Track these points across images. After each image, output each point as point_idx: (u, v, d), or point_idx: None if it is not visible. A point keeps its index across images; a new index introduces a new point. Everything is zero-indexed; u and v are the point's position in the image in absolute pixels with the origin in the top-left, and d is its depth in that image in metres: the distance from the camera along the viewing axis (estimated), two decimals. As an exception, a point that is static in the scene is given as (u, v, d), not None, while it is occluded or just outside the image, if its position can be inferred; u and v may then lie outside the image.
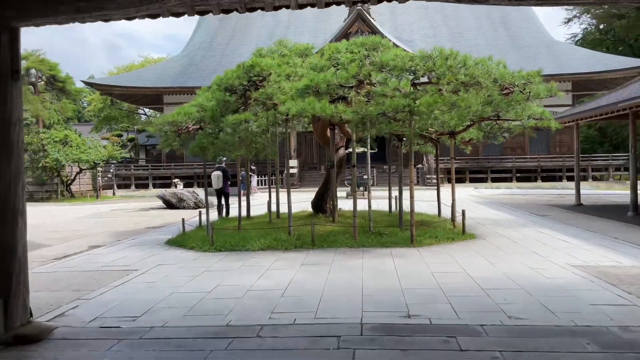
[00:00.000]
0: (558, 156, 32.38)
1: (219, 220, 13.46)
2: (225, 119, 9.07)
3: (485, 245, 9.13)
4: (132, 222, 15.18)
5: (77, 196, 30.20)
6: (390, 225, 10.94)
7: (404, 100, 8.11)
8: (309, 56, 10.95)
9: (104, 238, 11.72)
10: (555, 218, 13.48)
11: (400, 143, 10.80)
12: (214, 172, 14.00)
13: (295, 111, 7.88)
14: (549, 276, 6.56)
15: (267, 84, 9.23)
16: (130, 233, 12.43)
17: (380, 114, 8.23)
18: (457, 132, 10.97)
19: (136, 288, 6.50)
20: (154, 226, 13.82)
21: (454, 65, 8.28)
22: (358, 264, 7.55)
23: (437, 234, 9.86)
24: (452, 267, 7.24)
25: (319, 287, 6.16)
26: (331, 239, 9.51)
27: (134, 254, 9.10)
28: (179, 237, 10.56)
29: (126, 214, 18.01)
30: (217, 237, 9.73)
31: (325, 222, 11.40)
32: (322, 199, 12.35)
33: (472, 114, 8.24)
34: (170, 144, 9.90)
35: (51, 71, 30.06)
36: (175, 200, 18.27)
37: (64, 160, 27.07)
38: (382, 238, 9.53)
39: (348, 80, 8.44)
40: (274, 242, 9.40)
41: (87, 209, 20.82)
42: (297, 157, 32.03)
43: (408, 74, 8.67)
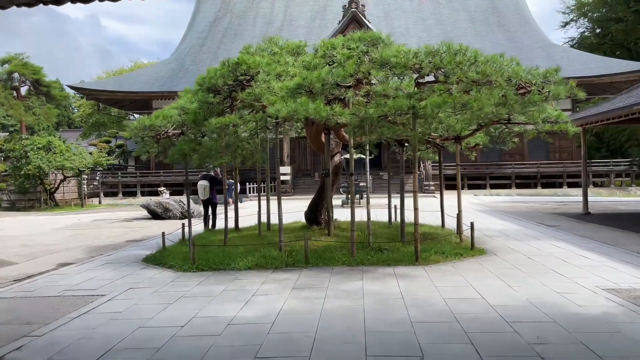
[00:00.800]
0: (558, 162, 31.63)
1: (204, 233, 12.47)
2: (208, 122, 8.11)
3: (498, 262, 8.20)
4: (112, 234, 14.13)
5: (61, 205, 29.05)
6: (391, 238, 10.00)
7: (408, 100, 7.19)
8: (302, 55, 10.02)
9: (77, 254, 10.69)
10: (566, 229, 12.59)
11: (401, 149, 9.88)
12: (200, 182, 13.00)
13: (285, 113, 6.93)
14: (580, 303, 5.63)
15: (255, 84, 8.29)
16: (107, 248, 11.41)
17: (382, 116, 7.30)
18: (463, 137, 10.07)
19: (98, 321, 5.50)
20: (134, 239, 12.79)
21: (463, 61, 7.37)
22: (358, 287, 6.59)
23: (443, 249, 8.92)
24: (466, 291, 6.28)
25: (312, 320, 5.18)
26: (327, 255, 8.54)
27: (104, 275, 8.09)
28: (158, 254, 9.55)
29: (108, 225, 16.94)
30: (199, 254, 8.74)
31: (319, 235, 10.44)
32: (317, 209, 11.39)
33: (485, 115, 7.33)
34: (148, 151, 8.92)
35: (35, 75, 28.96)
36: (160, 210, 17.24)
37: (47, 167, 25.95)
38: (383, 254, 8.58)
39: (345, 78, 7.51)
40: (262, 259, 8.42)
41: (68, 219, 19.72)
42: (291, 163, 31.07)
43: (412, 72, 7.76)
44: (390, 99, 7.23)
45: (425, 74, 7.73)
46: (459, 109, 7.14)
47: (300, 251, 8.72)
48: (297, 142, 32.33)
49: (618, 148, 42.45)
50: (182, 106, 9.34)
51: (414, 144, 8.42)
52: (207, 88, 8.46)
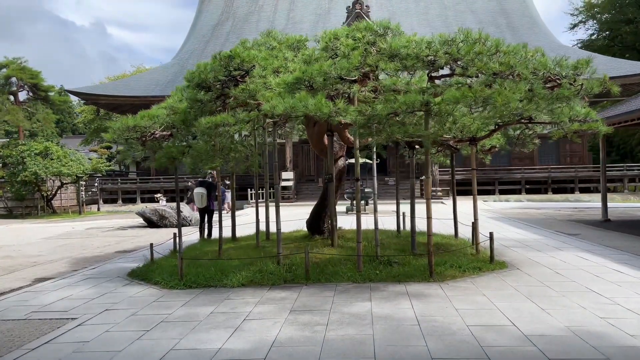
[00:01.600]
0: (569, 166, 30.65)
1: (199, 243, 11.63)
2: (197, 122, 7.27)
3: (523, 278, 7.29)
4: (102, 244, 13.31)
5: (59, 212, 28.32)
6: (400, 250, 9.11)
7: (421, 95, 6.34)
8: (303, 49, 9.19)
9: (59, 267, 9.86)
10: (588, 238, 11.65)
11: (411, 152, 9.00)
12: (197, 189, 12.17)
13: (282, 110, 6.08)
14: (632, 332, 4.72)
15: (250, 80, 7.45)
16: (93, 259, 10.58)
17: (391, 113, 6.44)
18: (479, 139, 9.18)
19: (58, 354, 4.64)
20: (124, 250, 11.95)
21: (483, 51, 6.51)
22: (365, 310, 5.70)
23: (459, 263, 8.02)
24: (492, 316, 5.39)
25: (312, 356, 4.31)
26: (330, 270, 7.67)
27: (82, 292, 7.25)
28: (144, 268, 8.70)
29: (101, 233, 16.13)
30: (189, 269, 7.89)
31: (322, 246, 9.56)
32: (319, 217, 10.52)
33: (509, 112, 6.46)
34: (131, 155, 8.09)
35: (33, 79, 28.31)
36: (156, 218, 16.42)
37: (44, 173, 25.24)
38: (393, 269, 7.69)
39: (350, 71, 6.66)
40: (258, 275, 7.55)
41: (61, 228, 18.94)
42: (294, 168, 30.25)
43: (424, 64, 6.90)
44: (401, 94, 6.37)
45: (440, 66, 6.87)
46: (479, 104, 6.27)
47: (300, 265, 7.86)
48: (300, 146, 31.55)
49: (628, 152, 41.42)
50: (171, 105, 8.53)
51: (427, 146, 7.55)
52: (196, 84, 7.63)
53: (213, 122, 7.08)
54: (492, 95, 5.97)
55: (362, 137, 7.14)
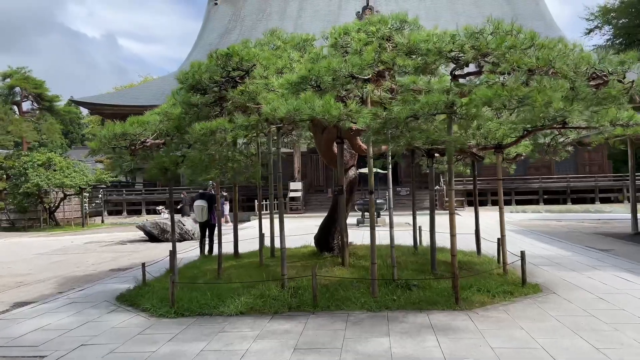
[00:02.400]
0: (589, 176, 29.46)
1: (199, 260, 10.79)
2: (190, 128, 6.45)
3: (563, 305, 6.34)
4: (98, 260, 12.52)
5: (62, 224, 27.69)
6: (419, 270, 8.20)
7: (445, 96, 5.47)
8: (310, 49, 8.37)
9: (45, 288, 9.07)
10: (623, 254, 10.63)
11: (430, 160, 8.11)
12: (197, 202, 11.35)
13: (284, 112, 5.24)
14: None
15: (250, 81, 6.63)
16: (84, 279, 9.78)
17: (410, 117, 5.56)
18: (505, 146, 8.28)
19: (9, 408, 3.80)
20: (120, 267, 11.14)
21: (517, 44, 5.64)
22: (383, 349, 4.80)
23: (487, 286, 7.09)
24: (536, 357, 4.45)
25: (319, 418, 3.41)
26: (340, 294, 6.77)
27: (61, 321, 6.42)
28: (135, 291, 7.86)
29: (99, 248, 15.35)
30: (182, 293, 7.04)
31: (332, 264, 8.68)
32: (328, 233, 9.63)
33: (549, 115, 5.57)
34: (120, 165, 7.31)
35: (37, 89, 27.88)
36: (157, 232, 15.63)
37: (46, 185, 24.63)
38: (412, 293, 6.77)
39: (362, 69, 5.81)
40: (259, 300, 6.68)
41: (60, 242, 18.22)
42: (302, 179, 29.41)
43: (448, 61, 6.04)
44: (423, 94, 5.51)
45: (466, 63, 6.01)
46: (513, 106, 5.38)
47: (307, 288, 6.97)
48: (308, 156, 30.74)
49: (648, 160, 40.05)
50: (165, 111, 7.75)
51: (450, 154, 6.66)
52: (190, 86, 6.83)
53: (208, 128, 6.26)
54: (531, 94, 5.08)
55: (376, 144, 6.26)
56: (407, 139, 5.56)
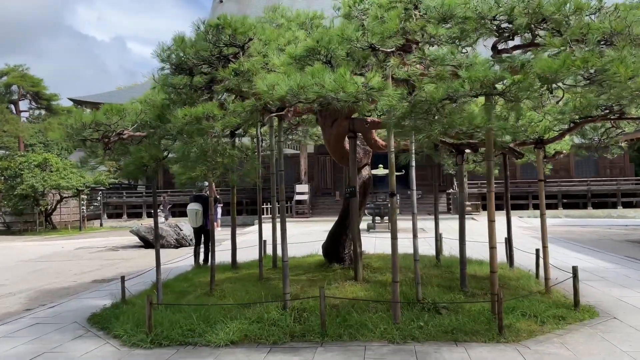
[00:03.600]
0: (610, 179, 28.00)
1: (192, 271, 9.60)
2: (172, 116, 5.27)
3: (632, 335, 5.08)
4: (83, 269, 11.37)
5: (59, 227, 26.66)
6: (445, 285, 6.96)
7: (492, 71, 4.25)
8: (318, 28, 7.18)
9: (12, 304, 7.92)
10: (674, 266, 9.33)
11: (460, 157, 6.86)
12: (191, 206, 10.17)
13: (285, 90, 4.04)
14: None
15: (245, 58, 5.44)
16: (60, 293, 8.63)
17: (446, 98, 4.34)
18: (547, 141, 7.04)
19: None
20: (104, 278, 9.97)
21: (583, 6, 4.41)
22: (417, 404, 3.56)
23: (533, 308, 5.83)
24: None
25: None
26: (354, 319, 5.54)
27: (14, 349, 5.25)
28: (111, 310, 6.68)
29: (88, 255, 14.21)
30: (165, 314, 5.86)
31: (343, 278, 7.45)
32: (338, 241, 8.40)
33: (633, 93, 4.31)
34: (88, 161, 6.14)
35: (34, 88, 26.93)
36: (152, 237, 14.43)
37: (41, 186, 23.58)
38: (443, 318, 5.53)
39: (384, 40, 4.61)
40: (256, 326, 5.47)
41: (51, 247, 17.12)
42: (309, 181, 28.21)
43: (491, 30, 4.82)
44: (463, 70, 4.29)
45: (515, 33, 4.78)
46: (585, 80, 4.15)
47: (314, 309, 5.77)
48: (315, 157, 29.54)
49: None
50: (148, 97, 6.59)
51: (490, 148, 5.43)
52: (174, 66, 5.65)
53: (193, 115, 5.07)
54: (611, 64, 3.83)
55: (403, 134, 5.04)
56: (442, 126, 4.32)
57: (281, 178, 6.26)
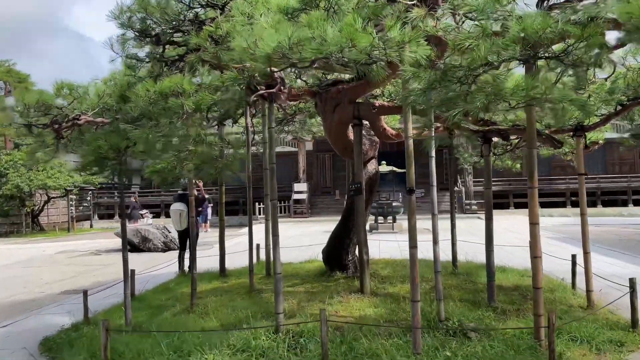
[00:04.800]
0: (621, 176, 26.94)
1: (175, 280, 8.52)
2: (131, 92, 4.16)
3: None
4: (55, 277, 10.26)
5: (47, 229, 25.51)
6: (468, 299, 5.88)
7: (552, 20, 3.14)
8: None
9: (-39, 321, 6.79)
10: None
11: (486, 147, 5.75)
12: (175, 206, 9.09)
13: (272, 48, 2.93)
14: None
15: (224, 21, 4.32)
16: (22, 307, 7.52)
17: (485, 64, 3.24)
18: (588, 128, 5.95)
19: None
20: (75, 289, 8.86)
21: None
22: None
23: (583, 331, 4.73)
24: None
25: None
26: (363, 347, 4.43)
27: None
28: (67, 333, 5.57)
29: (68, 259, 13.09)
30: (129, 341, 4.75)
31: (347, 290, 6.37)
32: (341, 246, 7.30)
33: None
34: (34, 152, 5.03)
35: (20, 83, 25.79)
36: (138, 240, 13.34)
37: (27, 186, 22.42)
38: (474, 345, 4.43)
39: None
40: (241, 358, 4.36)
41: (31, 250, 16.02)
42: (307, 180, 27.09)
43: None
44: (514, 22, 3.18)
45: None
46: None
47: (313, 334, 4.68)
48: (314, 155, 28.41)
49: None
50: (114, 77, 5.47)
51: (532, 130, 4.33)
52: (138, 32, 4.53)
53: (158, 91, 3.95)
54: None
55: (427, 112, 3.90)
56: (485, 98, 3.20)
57: (272, 173, 5.14)
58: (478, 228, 16.93)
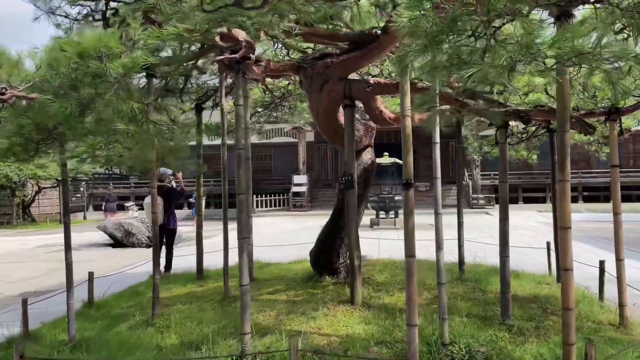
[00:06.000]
0: (635, 170, 25.81)
1: (148, 280, 7.61)
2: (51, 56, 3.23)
3: None
4: (25, 275, 9.44)
5: (39, 220, 24.79)
6: (476, 313, 4.94)
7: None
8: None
9: None
10: None
11: (502, 133, 4.77)
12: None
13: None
14: None
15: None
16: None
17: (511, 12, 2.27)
18: (625, 111, 4.97)
19: None
20: (38, 290, 8.01)
21: None
22: None
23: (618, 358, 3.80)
24: None
25: None
26: (347, 380, 3.51)
27: None
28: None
29: (46, 254, 12.27)
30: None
31: (335, 300, 5.47)
32: (331, 247, 6.36)
33: None
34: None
35: (12, 70, 25.04)
36: (120, 235, 12.49)
37: (16, 176, 21.65)
38: (486, 380, 3.50)
39: None
40: (189, 394, 3.46)
41: (13, 243, 15.24)
42: (307, 172, 26.15)
43: None
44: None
45: None
46: None
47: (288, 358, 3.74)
48: (315, 146, 27.46)
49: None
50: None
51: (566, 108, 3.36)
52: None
53: (77, 51, 3.01)
54: None
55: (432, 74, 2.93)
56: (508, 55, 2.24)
57: (242, 160, 4.20)
58: (487, 224, 15.95)
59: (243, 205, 4.10)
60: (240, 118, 4.05)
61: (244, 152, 4.20)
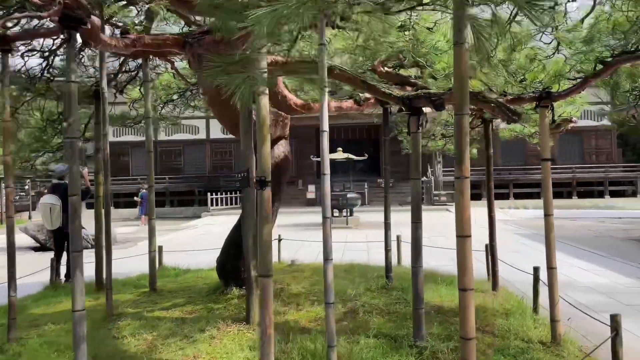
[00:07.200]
0: (597, 166, 25.75)
1: (40, 292, 6.72)
2: None
3: None
4: None
5: (-21, 221, 23.25)
6: (391, 332, 4.22)
7: None
8: None
9: None
10: None
11: (414, 121, 4.03)
12: (45, 199, 7.26)
13: None
14: None
15: None
16: None
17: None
18: (558, 96, 4.29)
19: None
20: None
21: None
22: None
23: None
24: None
25: None
26: None
27: None
28: None
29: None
30: None
31: (232, 317, 4.68)
32: (239, 253, 5.54)
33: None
34: None
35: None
36: (43, 237, 11.43)
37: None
38: None
39: None
40: None
41: None
42: (268, 168, 25.16)
43: None
44: None
45: None
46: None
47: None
48: (276, 142, 26.47)
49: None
50: None
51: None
52: None
53: None
54: None
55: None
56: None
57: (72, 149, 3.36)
58: (444, 223, 15.40)
59: (76, 211, 3.25)
60: (70, 97, 3.19)
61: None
